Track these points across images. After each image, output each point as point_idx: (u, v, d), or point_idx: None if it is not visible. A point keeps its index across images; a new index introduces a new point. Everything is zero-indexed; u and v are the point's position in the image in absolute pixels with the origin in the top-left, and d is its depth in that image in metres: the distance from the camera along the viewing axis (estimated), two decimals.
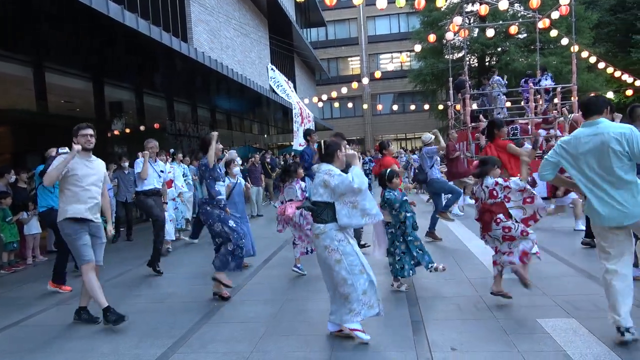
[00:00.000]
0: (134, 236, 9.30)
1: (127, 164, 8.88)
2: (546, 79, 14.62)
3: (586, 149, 3.39)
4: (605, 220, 3.37)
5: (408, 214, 5.02)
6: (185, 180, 9.84)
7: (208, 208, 5.13)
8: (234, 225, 5.15)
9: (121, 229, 9.48)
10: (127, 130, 13.16)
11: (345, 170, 3.75)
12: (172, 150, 10.06)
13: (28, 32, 8.00)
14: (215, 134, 5.23)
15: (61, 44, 8.91)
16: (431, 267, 5.01)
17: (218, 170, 5.28)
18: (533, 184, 11.90)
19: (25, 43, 8.59)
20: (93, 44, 9.10)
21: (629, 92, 20.22)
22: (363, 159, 9.79)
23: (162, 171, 6.76)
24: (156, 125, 14.42)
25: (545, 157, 3.70)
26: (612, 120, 4.14)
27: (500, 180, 4.28)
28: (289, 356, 3.57)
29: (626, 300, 3.34)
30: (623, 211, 3.29)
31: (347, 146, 4.22)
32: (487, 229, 4.36)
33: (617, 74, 17.11)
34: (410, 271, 4.98)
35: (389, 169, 5.26)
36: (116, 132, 12.73)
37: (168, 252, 7.69)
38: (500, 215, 4.23)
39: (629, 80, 17.65)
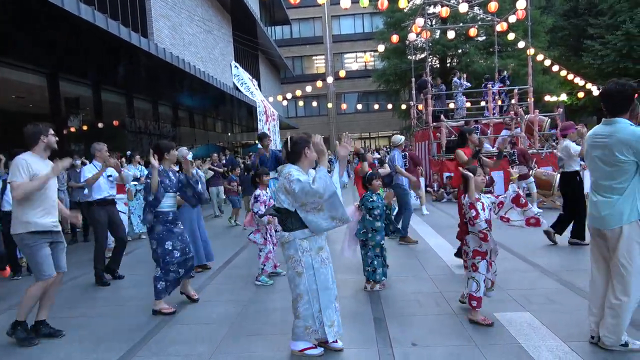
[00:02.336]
0: (91, 236, 8.99)
1: (79, 161, 8.53)
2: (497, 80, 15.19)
3: (597, 149, 3.24)
4: (590, 220, 3.36)
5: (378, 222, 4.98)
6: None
7: (150, 219, 4.65)
8: (170, 248, 4.60)
9: (77, 230, 9.15)
10: (85, 127, 12.72)
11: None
12: (128, 153, 9.63)
13: None
14: (156, 168, 4.64)
15: (12, 36, 8.50)
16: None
17: (167, 181, 4.71)
18: (491, 182, 12.30)
19: None
20: (47, 38, 8.73)
21: (581, 95, 21.12)
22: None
23: (110, 176, 6.19)
24: (115, 123, 13.99)
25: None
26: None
27: (466, 200, 3.96)
28: (252, 357, 3.54)
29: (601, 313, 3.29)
30: (601, 215, 3.22)
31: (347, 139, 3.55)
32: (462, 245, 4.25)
33: (570, 76, 17.81)
34: (383, 277, 4.98)
35: (368, 172, 5.25)
36: (72, 129, 12.27)
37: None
38: (467, 238, 4.07)
39: (581, 83, 18.42)
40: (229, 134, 27.62)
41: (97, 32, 7.96)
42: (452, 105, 16.11)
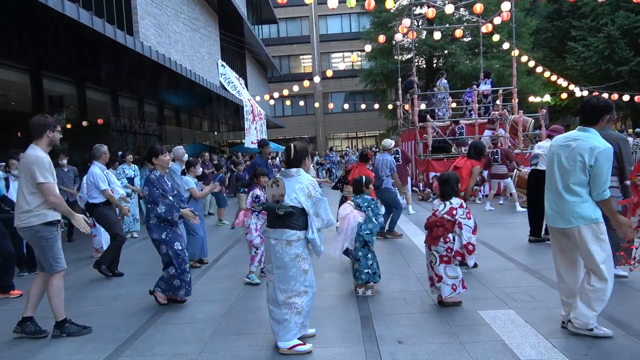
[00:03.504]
0: (76, 236, 8.90)
1: (65, 161, 8.40)
2: (485, 84, 15.34)
3: (564, 150, 3.49)
4: (549, 219, 3.62)
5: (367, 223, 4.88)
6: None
7: (152, 222, 4.72)
8: (179, 248, 4.75)
9: (61, 230, 9.03)
10: (68, 126, 12.56)
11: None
12: (119, 153, 9.56)
13: None
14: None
15: None
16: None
17: (165, 186, 4.79)
18: (482, 181, 12.44)
19: None
20: (30, 35, 8.60)
21: (564, 96, 21.45)
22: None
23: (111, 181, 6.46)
24: (100, 121, 13.84)
25: None
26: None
27: (464, 204, 4.15)
28: (239, 356, 3.55)
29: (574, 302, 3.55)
30: (557, 213, 3.50)
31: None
32: (433, 242, 4.25)
33: (554, 78, 18.08)
34: (378, 279, 4.87)
35: (365, 177, 5.19)
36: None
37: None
38: (451, 236, 4.16)
39: (564, 84, 18.71)
40: (216, 133, 27.48)
41: (81, 29, 7.86)
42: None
